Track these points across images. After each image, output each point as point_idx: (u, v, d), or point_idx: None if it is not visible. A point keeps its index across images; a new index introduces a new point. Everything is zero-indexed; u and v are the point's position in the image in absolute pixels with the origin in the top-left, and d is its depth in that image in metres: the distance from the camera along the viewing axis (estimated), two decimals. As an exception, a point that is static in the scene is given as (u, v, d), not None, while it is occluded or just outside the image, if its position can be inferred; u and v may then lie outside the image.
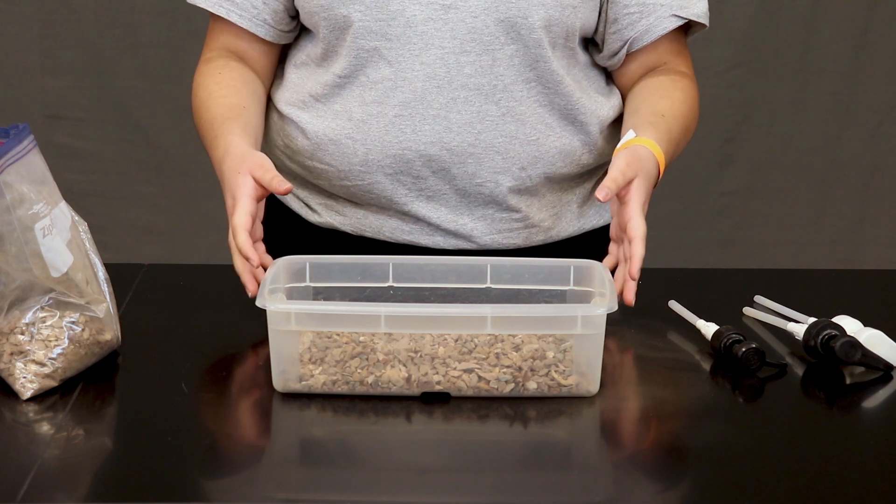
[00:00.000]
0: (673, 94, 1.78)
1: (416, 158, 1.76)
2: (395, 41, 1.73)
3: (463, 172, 1.77)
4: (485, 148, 1.76)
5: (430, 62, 1.73)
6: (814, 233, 3.47)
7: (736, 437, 1.38)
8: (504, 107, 1.75)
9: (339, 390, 1.42)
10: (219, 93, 1.81)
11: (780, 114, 3.40)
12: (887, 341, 1.53)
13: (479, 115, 1.75)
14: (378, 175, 1.77)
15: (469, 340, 1.44)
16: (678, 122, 1.76)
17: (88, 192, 3.33)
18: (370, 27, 1.73)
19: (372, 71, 1.75)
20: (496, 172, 1.77)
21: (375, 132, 1.76)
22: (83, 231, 1.50)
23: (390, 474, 1.31)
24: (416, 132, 1.74)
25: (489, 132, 1.75)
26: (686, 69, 1.84)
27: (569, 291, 1.55)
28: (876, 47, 3.36)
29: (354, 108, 1.77)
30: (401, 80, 1.74)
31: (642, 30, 1.78)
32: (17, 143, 1.39)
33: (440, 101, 1.74)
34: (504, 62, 1.74)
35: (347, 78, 1.77)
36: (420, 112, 1.74)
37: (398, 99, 1.74)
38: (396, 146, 1.75)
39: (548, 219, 1.83)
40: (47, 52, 3.30)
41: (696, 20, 1.80)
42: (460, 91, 1.74)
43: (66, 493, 1.26)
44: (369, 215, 1.82)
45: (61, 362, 1.43)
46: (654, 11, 1.78)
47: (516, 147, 1.77)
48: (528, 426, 1.39)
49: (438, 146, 1.75)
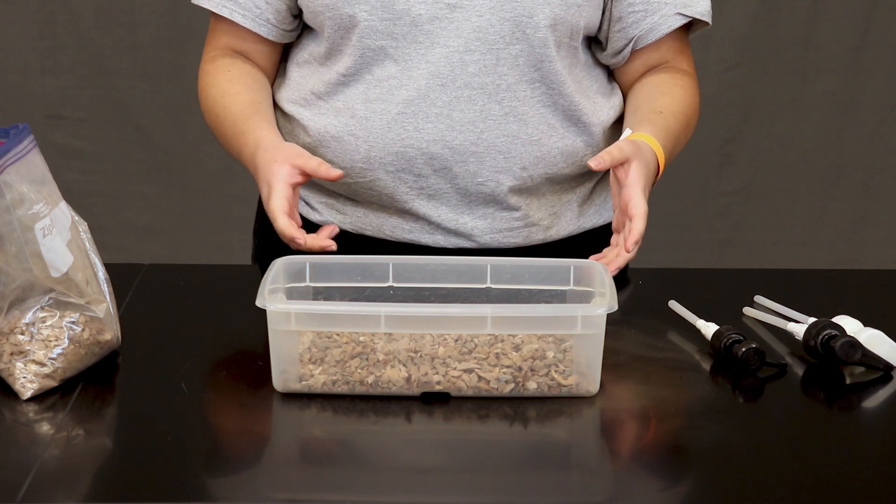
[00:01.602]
0: (672, 91, 1.79)
1: (419, 156, 1.76)
2: (400, 40, 1.73)
3: (464, 171, 1.77)
4: (487, 147, 1.76)
5: (434, 60, 1.73)
6: (814, 233, 3.47)
7: (736, 437, 1.38)
8: (507, 106, 1.75)
9: (339, 390, 1.42)
10: (232, 90, 1.81)
11: (780, 114, 3.40)
12: (887, 341, 1.53)
13: (481, 115, 1.75)
14: (380, 172, 1.77)
15: (469, 340, 1.44)
16: (677, 119, 1.77)
17: (88, 192, 3.33)
18: (376, 26, 1.73)
19: (377, 69, 1.75)
20: (497, 172, 1.77)
21: (378, 129, 1.76)
22: (83, 231, 1.50)
23: (390, 474, 1.31)
24: (418, 130, 1.75)
25: (492, 131, 1.76)
26: (688, 67, 1.85)
27: (569, 291, 1.55)
28: (876, 47, 3.36)
29: (357, 105, 1.77)
30: (406, 78, 1.74)
31: (647, 28, 1.79)
32: (17, 143, 1.39)
33: (443, 100, 1.74)
34: (508, 62, 1.74)
35: (352, 76, 1.77)
36: (423, 110, 1.74)
37: (402, 97, 1.75)
38: (399, 143, 1.75)
39: (547, 217, 1.83)
40: (47, 52, 3.30)
41: (699, 18, 1.81)
42: (464, 90, 1.74)
43: (66, 493, 1.26)
44: (369, 213, 1.82)
45: (61, 362, 1.43)
46: (658, 10, 1.78)
47: (518, 147, 1.77)
48: (528, 426, 1.39)
49: (440, 144, 1.75)
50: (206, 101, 1.86)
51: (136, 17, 3.29)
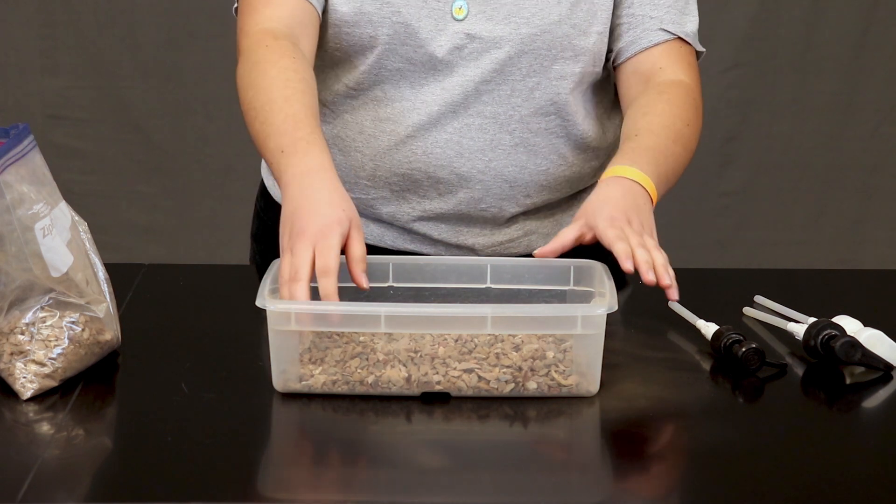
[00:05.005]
0: (655, 109, 1.72)
1: (424, 179, 1.75)
2: (419, 66, 1.72)
3: (469, 198, 1.76)
4: (494, 176, 1.75)
5: (450, 88, 1.72)
6: (814, 233, 3.47)
7: (736, 437, 1.38)
8: (518, 137, 1.74)
9: (339, 390, 1.42)
10: (297, 84, 1.59)
11: (780, 114, 3.40)
12: (887, 341, 1.53)
13: (491, 144, 1.74)
14: (384, 190, 1.77)
15: (469, 340, 1.44)
16: (658, 135, 1.69)
17: (88, 192, 3.33)
18: (396, 50, 1.71)
19: (390, 88, 1.74)
20: (502, 199, 1.77)
21: (385, 149, 1.75)
22: (83, 231, 1.50)
23: (390, 474, 1.31)
24: (427, 154, 1.74)
25: (500, 160, 1.75)
26: (685, 75, 1.77)
27: (569, 291, 1.55)
28: (876, 47, 3.36)
29: (366, 121, 1.76)
30: (419, 102, 1.73)
31: (629, 41, 1.76)
32: (17, 143, 1.39)
33: (455, 126, 1.73)
34: (524, 94, 1.73)
35: (363, 91, 1.76)
36: (433, 135, 1.73)
37: (413, 120, 1.74)
38: (406, 165, 1.75)
39: (548, 226, 1.83)
40: (47, 52, 3.30)
41: (684, 38, 1.77)
42: (476, 118, 1.73)
43: (66, 493, 1.26)
44: (370, 224, 1.81)
45: (61, 362, 1.43)
46: (641, 24, 1.76)
47: (525, 177, 1.76)
48: (528, 426, 1.39)
49: (448, 170, 1.74)
50: (263, 78, 1.61)
51: (136, 17, 3.29)
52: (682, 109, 1.73)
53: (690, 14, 1.78)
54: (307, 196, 1.46)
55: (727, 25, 3.31)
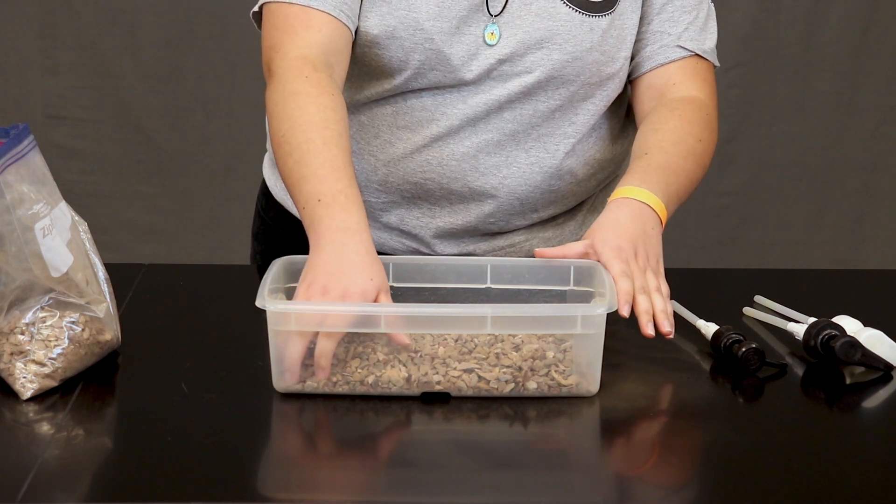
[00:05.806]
0: (666, 126, 1.71)
1: (437, 189, 1.75)
2: (447, 86, 1.71)
3: (479, 211, 1.76)
4: (507, 193, 1.75)
5: (473, 105, 1.72)
6: (814, 233, 3.47)
7: (736, 437, 1.38)
8: (534, 156, 1.74)
9: (339, 390, 1.42)
10: (336, 126, 1.56)
11: (780, 114, 3.40)
12: (887, 341, 1.53)
13: (507, 161, 1.74)
14: (395, 196, 1.77)
15: (469, 340, 1.44)
16: (668, 152, 1.69)
17: (88, 192, 3.33)
18: (426, 74, 1.70)
19: (413, 98, 1.73)
20: (511, 215, 1.77)
21: (400, 156, 1.74)
22: (83, 231, 1.50)
23: (390, 474, 1.31)
24: (442, 166, 1.73)
25: (514, 178, 1.74)
26: (699, 91, 1.76)
27: (569, 291, 1.55)
28: (876, 47, 3.36)
29: (383, 127, 1.75)
30: (440, 115, 1.72)
31: (645, 56, 1.76)
32: (17, 143, 1.39)
33: (473, 141, 1.73)
34: (545, 115, 1.73)
35: (384, 100, 1.74)
36: (450, 148, 1.73)
37: (432, 131, 1.73)
38: (419, 175, 1.74)
39: (550, 230, 1.83)
40: (47, 52, 3.30)
41: (703, 56, 1.76)
42: (494, 134, 1.73)
43: (66, 493, 1.26)
44: (373, 229, 1.81)
45: (61, 362, 1.43)
46: (659, 40, 1.75)
47: (536, 195, 1.76)
48: (528, 426, 1.39)
49: (461, 183, 1.74)
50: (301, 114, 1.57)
51: (136, 17, 3.29)
52: (693, 125, 1.72)
53: (710, 31, 1.78)
54: (339, 257, 1.45)
55: (727, 25, 3.28)
